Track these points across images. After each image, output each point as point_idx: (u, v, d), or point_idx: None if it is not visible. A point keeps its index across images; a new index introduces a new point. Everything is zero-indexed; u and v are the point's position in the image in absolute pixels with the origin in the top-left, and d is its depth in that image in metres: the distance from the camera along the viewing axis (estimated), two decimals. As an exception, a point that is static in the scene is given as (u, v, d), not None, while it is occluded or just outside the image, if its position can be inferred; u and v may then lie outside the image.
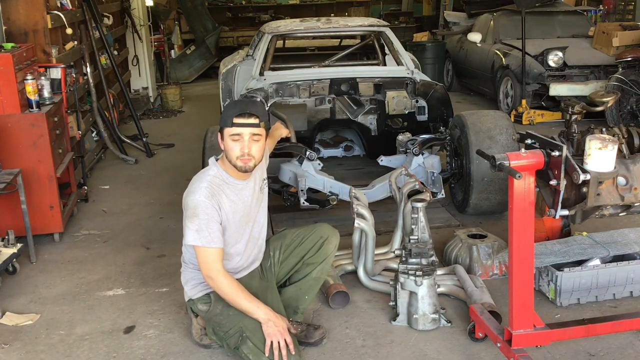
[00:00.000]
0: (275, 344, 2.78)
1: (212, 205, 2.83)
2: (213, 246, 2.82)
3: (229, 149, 2.88)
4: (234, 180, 2.95)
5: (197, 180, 2.93)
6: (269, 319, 2.83)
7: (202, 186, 2.86)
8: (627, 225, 4.24)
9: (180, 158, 6.98)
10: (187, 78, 12.56)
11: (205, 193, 2.84)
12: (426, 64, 10.34)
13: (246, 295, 2.86)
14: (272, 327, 2.81)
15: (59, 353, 3.22)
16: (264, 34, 6.17)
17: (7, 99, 4.30)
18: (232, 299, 2.85)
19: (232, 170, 2.93)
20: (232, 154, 2.88)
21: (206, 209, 2.82)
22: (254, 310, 2.84)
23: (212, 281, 2.85)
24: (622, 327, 3.03)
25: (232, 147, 2.87)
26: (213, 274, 2.83)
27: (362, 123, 5.47)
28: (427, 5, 16.83)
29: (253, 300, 2.86)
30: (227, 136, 2.88)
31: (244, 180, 2.98)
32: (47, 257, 4.41)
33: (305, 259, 3.18)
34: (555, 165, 2.59)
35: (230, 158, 2.89)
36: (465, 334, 3.21)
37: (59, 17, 5.55)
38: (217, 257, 2.83)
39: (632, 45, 8.02)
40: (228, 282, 2.83)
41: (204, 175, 2.93)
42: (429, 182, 4.62)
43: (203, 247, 2.82)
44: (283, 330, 2.82)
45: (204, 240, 2.81)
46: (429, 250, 3.30)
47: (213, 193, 2.85)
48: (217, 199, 2.86)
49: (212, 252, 2.82)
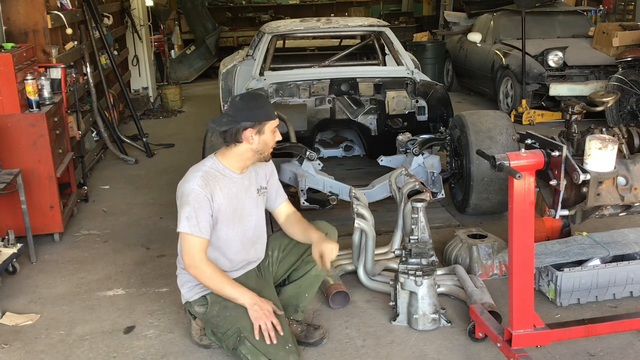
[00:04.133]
0: (264, 327, 2.80)
1: (204, 194, 2.84)
2: (199, 235, 2.83)
3: (268, 140, 2.93)
4: (230, 172, 2.96)
5: (192, 170, 2.94)
6: (255, 303, 2.84)
7: (197, 175, 2.88)
8: (627, 225, 4.24)
9: (180, 158, 6.97)
10: (187, 78, 12.55)
11: (199, 182, 2.85)
12: (426, 64, 10.34)
13: (230, 282, 2.88)
14: (258, 311, 2.82)
15: (59, 353, 3.22)
16: (264, 34, 6.17)
17: (7, 99, 4.30)
18: (216, 287, 2.86)
19: (231, 163, 2.95)
20: (269, 145, 2.95)
21: (198, 198, 2.83)
22: (239, 296, 2.85)
23: (194, 270, 2.85)
24: (622, 327, 3.03)
25: (271, 139, 2.94)
26: (196, 263, 2.84)
27: (362, 123, 5.47)
28: (427, 5, 16.83)
29: (237, 287, 2.87)
30: (269, 129, 2.91)
31: (241, 174, 2.99)
32: (47, 257, 4.41)
33: (304, 256, 3.17)
34: (555, 165, 2.59)
35: (263, 150, 2.93)
36: (465, 334, 3.21)
37: (59, 17, 5.55)
38: (202, 247, 2.85)
39: (632, 45, 8.02)
40: (211, 270, 2.85)
41: (200, 166, 2.95)
42: (429, 182, 4.62)
43: (190, 234, 2.82)
44: (269, 313, 2.83)
45: (192, 228, 2.81)
46: (429, 250, 3.30)
47: (207, 183, 2.86)
48: (210, 188, 2.86)
49: (198, 241, 2.83)
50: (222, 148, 2.99)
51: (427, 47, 10.87)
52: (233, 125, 2.85)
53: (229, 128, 2.86)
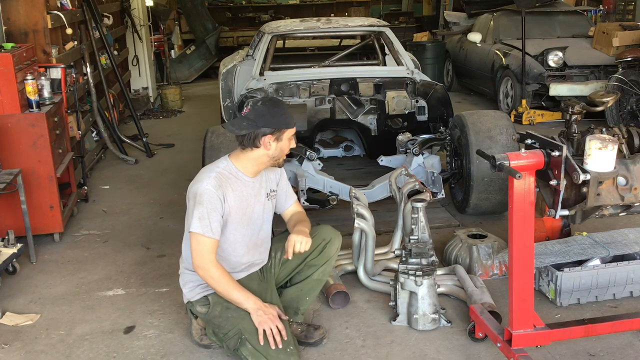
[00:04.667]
0: (268, 331, 2.80)
1: (217, 195, 2.85)
2: (210, 236, 2.83)
3: (285, 147, 2.96)
4: (243, 176, 2.96)
5: (205, 171, 2.96)
6: (259, 308, 2.85)
7: (211, 176, 2.89)
8: (627, 225, 4.24)
9: (180, 158, 6.98)
10: (187, 78, 12.55)
11: (212, 182, 2.86)
12: (426, 64, 10.34)
13: (236, 285, 2.89)
14: (262, 315, 2.83)
15: (59, 353, 3.22)
16: (264, 34, 6.17)
17: (7, 99, 4.30)
18: (223, 290, 2.87)
19: (245, 166, 2.96)
20: (284, 152, 2.97)
21: (211, 198, 2.84)
22: (243, 300, 2.86)
23: (203, 271, 2.86)
24: (622, 327, 3.02)
25: (287, 145, 2.96)
26: (206, 264, 2.85)
27: (362, 123, 5.47)
28: (427, 5, 16.83)
29: (243, 291, 2.88)
30: (287, 137, 2.94)
31: (253, 177, 3.00)
32: (47, 257, 4.41)
33: (307, 260, 3.17)
34: (555, 165, 2.59)
35: (279, 156, 2.96)
36: (465, 334, 3.21)
37: (59, 17, 5.55)
38: (212, 248, 2.86)
39: (632, 45, 8.01)
40: (219, 272, 2.86)
41: (213, 166, 2.97)
42: (429, 182, 4.62)
43: (202, 235, 2.83)
44: (273, 317, 2.84)
45: (204, 228, 2.82)
46: (429, 250, 3.30)
47: (220, 184, 2.87)
48: (223, 190, 2.87)
49: (208, 242, 2.84)
50: (236, 150, 2.99)
51: (427, 47, 10.88)
52: (253, 130, 2.87)
53: (248, 132, 2.87)
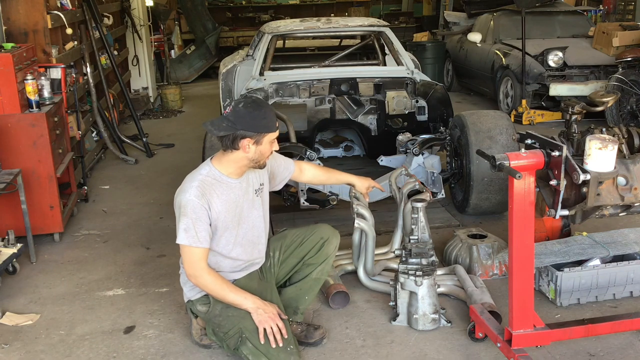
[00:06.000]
0: (269, 330, 2.80)
1: (201, 205, 2.82)
2: (199, 246, 2.83)
3: (265, 151, 2.90)
4: (227, 179, 2.93)
5: (188, 180, 2.92)
6: (258, 307, 2.85)
7: (193, 185, 2.85)
8: (627, 225, 4.24)
9: (180, 158, 6.97)
10: (187, 78, 12.55)
11: (195, 192, 2.83)
12: (426, 64, 10.35)
13: (232, 288, 2.89)
14: (262, 314, 2.83)
15: (59, 353, 3.22)
16: (264, 34, 6.17)
17: (7, 99, 4.30)
18: (219, 294, 2.87)
19: (227, 169, 2.92)
20: (265, 155, 2.91)
21: (195, 209, 2.81)
22: (241, 301, 2.86)
23: (195, 279, 2.87)
24: (622, 327, 3.03)
25: (268, 149, 2.91)
26: (197, 272, 2.85)
27: (362, 123, 5.47)
28: (427, 5, 16.83)
29: (239, 292, 2.88)
30: (268, 140, 2.88)
31: (237, 179, 2.97)
32: (47, 257, 4.41)
33: (305, 259, 3.18)
34: (555, 165, 2.59)
35: (259, 159, 2.90)
36: (465, 334, 3.21)
37: (59, 17, 5.55)
38: (202, 256, 2.85)
39: (632, 45, 8.01)
40: (212, 278, 2.86)
41: (196, 174, 2.92)
42: (429, 182, 4.62)
43: (189, 246, 2.82)
44: (273, 316, 2.84)
45: (190, 239, 2.81)
46: (429, 250, 3.30)
47: (203, 192, 2.84)
48: (207, 198, 2.84)
49: (198, 251, 2.84)
50: (218, 152, 2.96)
51: (427, 47, 10.87)
52: (232, 132, 2.80)
53: (227, 134, 2.82)
